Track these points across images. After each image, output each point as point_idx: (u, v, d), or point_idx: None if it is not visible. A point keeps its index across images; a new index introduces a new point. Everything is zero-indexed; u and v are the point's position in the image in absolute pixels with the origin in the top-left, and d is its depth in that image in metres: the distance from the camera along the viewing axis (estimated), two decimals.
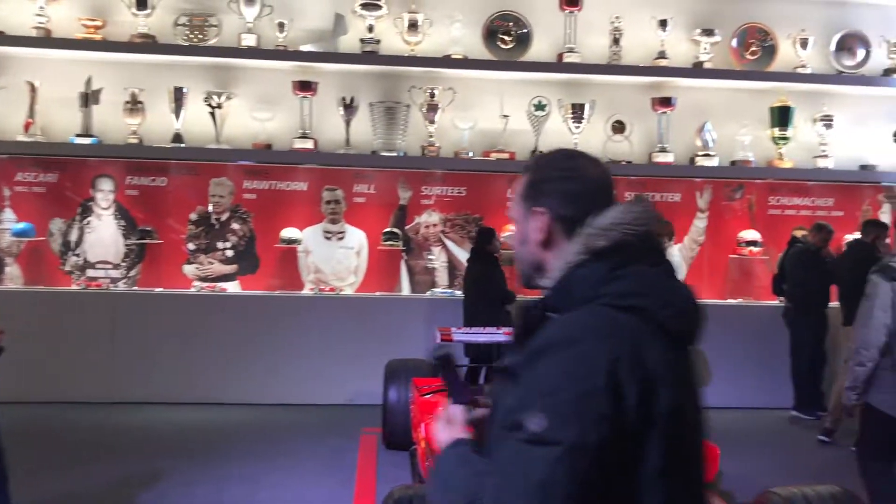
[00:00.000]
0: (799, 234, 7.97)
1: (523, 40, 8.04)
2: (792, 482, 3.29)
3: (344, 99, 7.79)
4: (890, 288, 3.95)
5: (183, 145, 7.63)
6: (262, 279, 7.94)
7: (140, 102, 7.59)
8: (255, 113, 7.81)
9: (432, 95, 7.81)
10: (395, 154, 7.82)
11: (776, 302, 7.86)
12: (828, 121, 8.20)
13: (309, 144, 7.74)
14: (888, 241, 6.75)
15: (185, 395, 7.33)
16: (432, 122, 7.84)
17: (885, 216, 8.39)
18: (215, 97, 7.64)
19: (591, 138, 8.08)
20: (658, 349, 1.43)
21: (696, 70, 8.08)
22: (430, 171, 8.05)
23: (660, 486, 1.41)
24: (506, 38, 8.02)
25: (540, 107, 7.99)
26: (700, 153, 8.17)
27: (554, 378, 1.39)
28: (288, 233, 7.87)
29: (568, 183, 1.61)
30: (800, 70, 8.17)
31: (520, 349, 1.51)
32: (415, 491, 2.98)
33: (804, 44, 8.15)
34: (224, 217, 7.92)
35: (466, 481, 1.44)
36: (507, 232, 8.01)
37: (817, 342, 7.33)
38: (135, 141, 7.59)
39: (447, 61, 7.82)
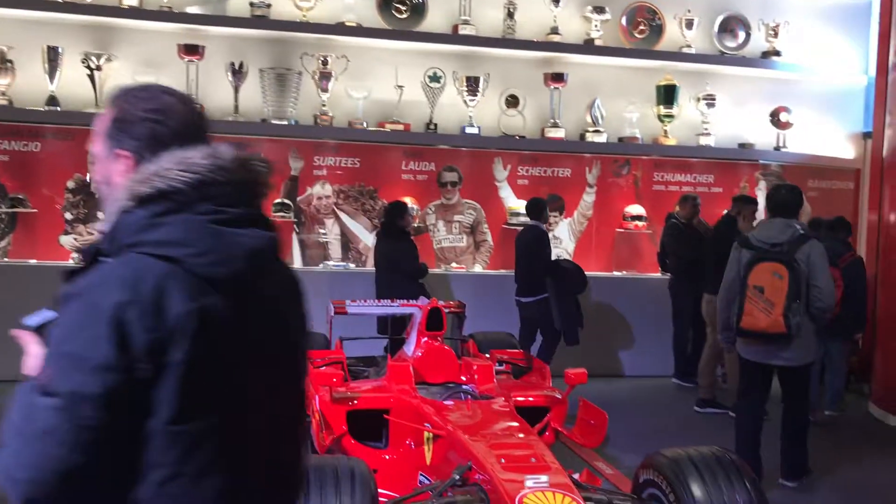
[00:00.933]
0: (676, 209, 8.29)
1: (418, 10, 7.97)
2: (676, 445, 3.41)
3: (233, 64, 7.52)
4: (739, 253, 4.80)
5: (58, 109, 7.21)
6: None
7: (9, 61, 7.10)
8: (138, 77, 7.41)
9: (325, 63, 7.64)
10: (286, 123, 7.63)
11: (659, 274, 8.15)
12: (710, 100, 8.51)
13: None
14: (756, 216, 7.02)
15: None
16: (325, 90, 7.69)
17: (760, 193, 8.82)
18: (94, 59, 7.23)
19: (486, 112, 8.13)
20: (187, 299, 1.42)
21: (587, 47, 8.21)
22: (323, 141, 7.90)
23: (170, 437, 1.42)
24: (401, 7, 7.92)
25: (435, 78, 7.96)
26: (590, 129, 8.34)
27: (64, 328, 1.42)
28: None
29: (153, 125, 1.57)
30: (685, 50, 8.45)
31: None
32: (311, 463, 2.92)
33: (689, 24, 8.41)
34: None
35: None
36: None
37: (698, 311, 7.62)
38: (4, 102, 7.11)
39: (340, 28, 7.66)
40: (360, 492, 2.81)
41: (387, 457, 4.25)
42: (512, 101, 8.23)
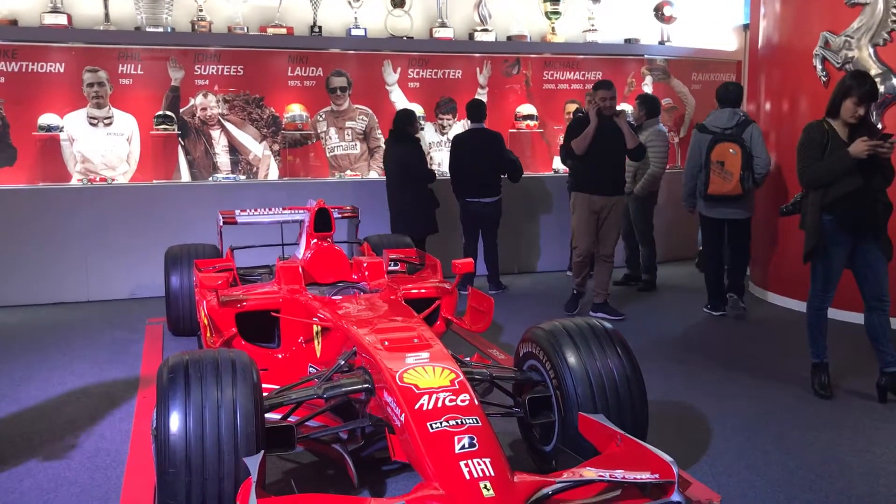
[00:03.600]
0: (572, 107, 8.37)
1: None
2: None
3: None
4: (699, 137, 6.15)
5: None
6: (21, 171, 7.26)
7: None
8: None
9: None
10: (161, 30, 7.29)
11: (551, 173, 8.26)
12: None
13: (62, 20, 7.03)
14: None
15: None
16: None
17: (647, 87, 8.98)
18: None
19: (372, 12, 7.95)
20: None
21: None
22: (203, 49, 7.59)
23: None
24: None
25: None
26: (478, 28, 8.27)
27: None
28: (47, 119, 7.20)
29: None
30: None
31: None
32: (189, 356, 2.89)
33: None
34: None
35: None
36: (290, 112, 7.82)
37: None
38: None
39: None
40: (242, 381, 2.79)
41: (279, 356, 4.26)
42: (398, 1, 8.06)
